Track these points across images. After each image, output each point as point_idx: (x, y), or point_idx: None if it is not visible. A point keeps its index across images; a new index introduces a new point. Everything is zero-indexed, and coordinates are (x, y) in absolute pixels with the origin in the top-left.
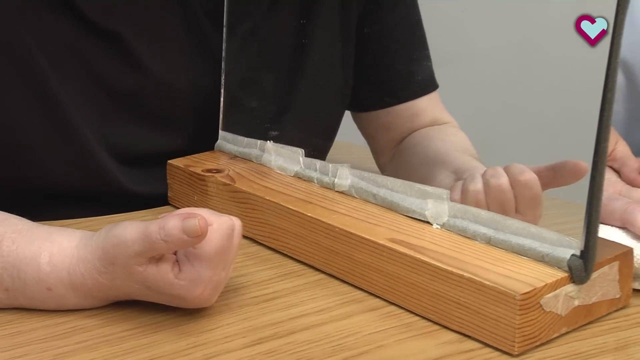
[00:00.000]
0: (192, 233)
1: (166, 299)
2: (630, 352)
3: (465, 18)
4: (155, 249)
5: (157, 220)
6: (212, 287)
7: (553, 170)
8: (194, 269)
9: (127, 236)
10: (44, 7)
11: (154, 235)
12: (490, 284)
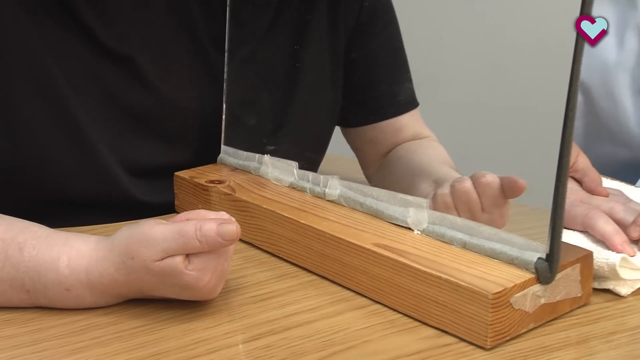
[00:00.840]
0: (227, 237)
1: (177, 290)
2: (591, 346)
3: (443, 44)
4: (189, 247)
5: (193, 222)
6: (217, 277)
7: (507, 182)
8: (202, 260)
9: (156, 234)
10: (66, 34)
11: (190, 234)
12: (465, 284)
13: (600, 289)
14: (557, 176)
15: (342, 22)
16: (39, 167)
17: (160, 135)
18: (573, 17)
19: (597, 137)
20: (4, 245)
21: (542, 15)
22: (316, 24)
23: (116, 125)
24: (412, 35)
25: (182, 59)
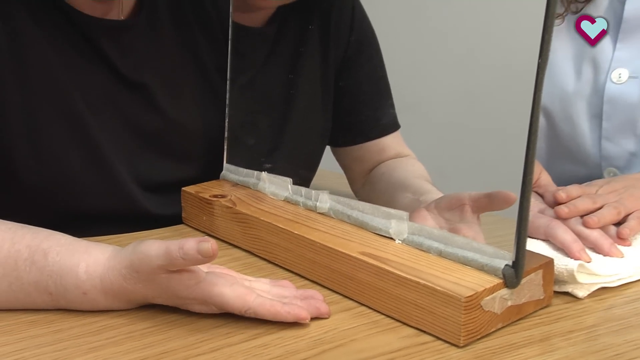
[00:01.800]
0: (204, 253)
1: (179, 301)
2: (552, 343)
3: (422, 74)
4: (175, 264)
5: (177, 241)
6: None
7: (489, 198)
8: (206, 278)
9: (151, 252)
10: (87, 64)
11: (174, 253)
12: (441, 289)
13: (560, 292)
14: (521, 192)
15: (332, 54)
16: (62, 184)
17: (169, 154)
18: (535, 51)
19: (559, 156)
20: (31, 251)
21: (508, 48)
22: (309, 55)
23: (131, 145)
24: (395, 65)
25: (190, 86)
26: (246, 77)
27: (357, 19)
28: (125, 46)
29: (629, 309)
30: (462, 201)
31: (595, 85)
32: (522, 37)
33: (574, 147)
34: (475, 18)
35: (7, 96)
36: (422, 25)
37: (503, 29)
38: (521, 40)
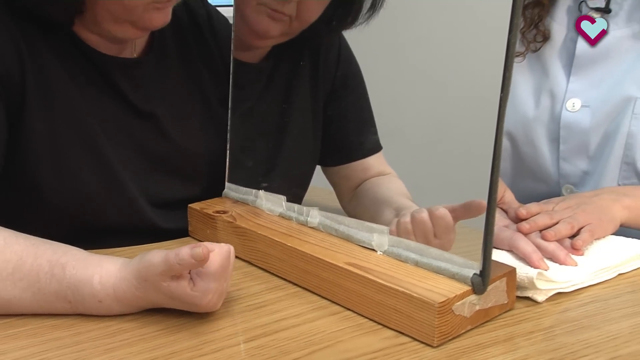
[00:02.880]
0: (197, 257)
1: (184, 305)
2: (515, 342)
3: (401, 102)
4: (173, 269)
5: (174, 250)
6: (217, 295)
7: (464, 207)
8: (204, 283)
9: (154, 261)
10: (103, 97)
11: (171, 260)
12: (417, 295)
13: (521, 297)
14: (487, 209)
15: (320, 87)
16: (81, 202)
17: (177, 174)
18: (498, 85)
19: (522, 175)
20: (51, 265)
21: (475, 82)
22: (300, 88)
23: (142, 167)
24: (378, 94)
25: (194, 115)
26: (245, 107)
27: (343, 55)
28: (137, 80)
29: (582, 311)
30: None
31: (552, 113)
32: (487, 74)
33: (535, 167)
34: (447, 57)
35: (34, 125)
36: (401, 60)
37: (471, 65)
38: (486, 76)
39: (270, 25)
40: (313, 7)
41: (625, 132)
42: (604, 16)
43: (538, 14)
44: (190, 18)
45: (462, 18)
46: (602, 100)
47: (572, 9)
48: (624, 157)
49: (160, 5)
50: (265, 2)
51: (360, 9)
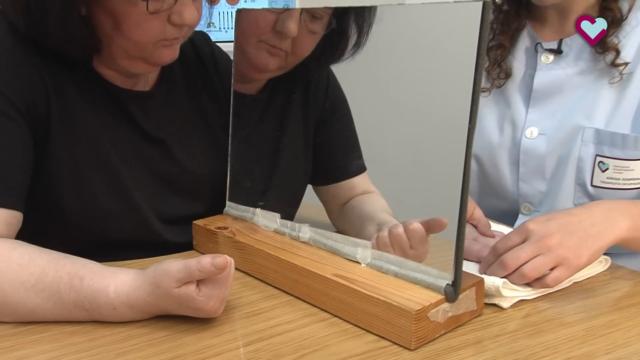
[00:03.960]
0: (218, 266)
1: (190, 310)
2: (483, 345)
3: (383, 129)
4: (192, 276)
5: (195, 258)
6: (219, 302)
7: (436, 222)
8: (209, 289)
9: (172, 268)
10: (118, 124)
11: (193, 267)
12: (396, 304)
13: (489, 303)
14: (458, 225)
15: (311, 116)
16: (98, 219)
17: (183, 194)
18: (466, 118)
19: (487, 193)
20: (70, 277)
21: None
22: (293, 117)
23: (153, 187)
24: (363, 121)
25: (199, 140)
26: (244, 133)
27: (331, 88)
28: (149, 110)
29: (541, 316)
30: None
31: (513, 139)
32: (457, 107)
33: (498, 187)
34: (423, 90)
35: (57, 151)
36: (383, 92)
37: (443, 99)
38: (457, 109)
39: (268, 60)
40: (306, 44)
41: (576, 156)
42: (556, 56)
43: (501, 55)
44: (195, 54)
45: (436, 58)
46: (556, 129)
47: (530, 49)
48: (576, 179)
49: (168, 42)
50: (265, 39)
51: (346, 47)
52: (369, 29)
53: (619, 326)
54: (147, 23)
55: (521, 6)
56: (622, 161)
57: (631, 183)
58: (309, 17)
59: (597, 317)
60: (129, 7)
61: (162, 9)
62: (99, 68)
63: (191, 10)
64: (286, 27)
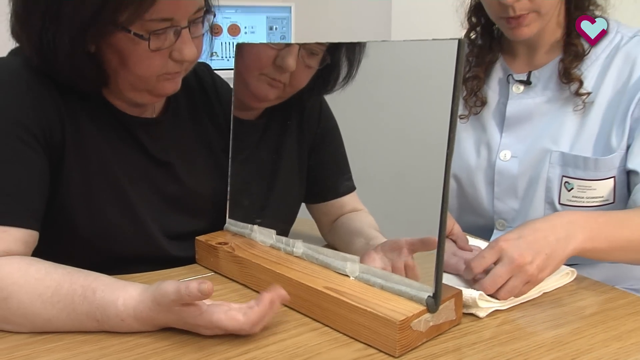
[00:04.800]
0: (204, 292)
1: (189, 326)
2: (462, 352)
3: (371, 152)
4: (183, 299)
5: (185, 283)
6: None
7: (422, 242)
8: (208, 315)
9: (167, 290)
10: (127, 148)
11: (182, 291)
12: (382, 314)
13: (467, 313)
14: (438, 240)
15: (304, 140)
16: (108, 236)
17: (187, 212)
18: (444, 144)
19: (465, 210)
20: (83, 290)
21: (428, 140)
22: (288, 141)
23: (159, 206)
24: (353, 144)
25: (202, 163)
26: (243, 156)
27: (323, 115)
28: (156, 136)
29: (514, 325)
30: (400, 244)
31: (489, 161)
32: (436, 134)
33: (475, 205)
34: (407, 119)
35: (71, 174)
36: (371, 119)
37: (424, 125)
38: (436, 136)
39: (268, 91)
40: (302, 77)
41: (545, 177)
42: (526, 87)
43: (477, 85)
44: (198, 84)
45: (417, 89)
46: (527, 152)
47: (502, 80)
48: (546, 197)
49: (170, 76)
50: (266, 73)
51: (337, 79)
52: (358, 63)
53: (583, 334)
54: (150, 59)
55: (494, 41)
56: (585, 181)
57: (594, 201)
58: (306, 53)
59: (564, 326)
60: (133, 45)
61: (163, 46)
62: (109, 98)
63: (190, 48)
64: (286, 62)
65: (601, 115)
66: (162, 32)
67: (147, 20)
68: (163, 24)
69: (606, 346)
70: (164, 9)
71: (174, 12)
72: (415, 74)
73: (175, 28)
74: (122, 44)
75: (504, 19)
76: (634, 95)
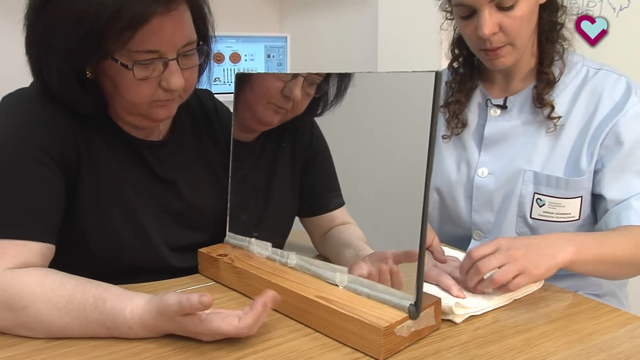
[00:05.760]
0: (204, 304)
1: (190, 334)
2: (441, 354)
3: (358, 171)
4: (184, 310)
5: (187, 295)
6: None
7: (405, 254)
8: (208, 323)
9: (170, 302)
10: (136, 169)
11: (184, 303)
12: (368, 321)
13: (445, 319)
14: (419, 254)
15: (297, 161)
16: (117, 248)
17: (190, 226)
18: (424, 165)
19: (446, 221)
20: (95, 299)
21: (410, 160)
22: (282, 161)
23: (164, 221)
24: (341, 164)
25: (204, 181)
26: (241, 175)
27: (315, 136)
28: (161, 157)
29: (488, 329)
30: (386, 256)
31: (468, 177)
32: (416, 155)
33: (455, 216)
34: (392, 141)
35: (84, 191)
36: (359, 139)
37: (406, 148)
38: (416, 157)
39: (273, 117)
40: (303, 104)
41: (518, 193)
42: (502, 111)
43: (458, 108)
44: (201, 109)
45: (400, 115)
46: (502, 170)
47: (482, 104)
48: (518, 212)
49: (162, 103)
50: (274, 101)
51: (326, 104)
52: (346, 90)
53: (550, 336)
54: (138, 87)
55: (474, 70)
56: (555, 199)
57: (562, 217)
58: (307, 83)
59: (533, 329)
60: (121, 73)
61: (151, 76)
62: (117, 121)
63: (177, 78)
64: (294, 93)
65: (571, 139)
66: (148, 62)
67: (133, 51)
68: (149, 55)
69: (570, 348)
70: (147, 42)
71: (158, 45)
72: (398, 101)
73: (164, 60)
74: (112, 72)
75: (483, 50)
76: (605, 126)
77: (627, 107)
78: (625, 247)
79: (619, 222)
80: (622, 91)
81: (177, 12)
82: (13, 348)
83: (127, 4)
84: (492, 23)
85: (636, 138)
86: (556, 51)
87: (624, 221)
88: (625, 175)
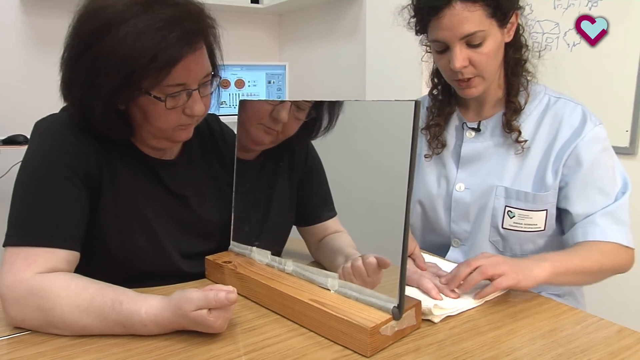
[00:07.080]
0: (231, 300)
1: (202, 328)
2: (421, 351)
3: (348, 185)
4: (210, 304)
5: (214, 291)
6: (224, 321)
7: (380, 260)
8: (216, 312)
9: (193, 296)
10: (150, 184)
11: (211, 297)
12: (356, 322)
13: (425, 319)
14: (401, 260)
15: (294, 177)
16: (133, 256)
17: (198, 235)
18: (405, 182)
19: (427, 230)
20: (112, 302)
21: (394, 177)
22: (281, 178)
23: (176, 231)
24: (333, 179)
25: (211, 195)
26: (244, 190)
27: (310, 155)
28: (174, 174)
29: (462, 328)
30: (365, 257)
31: (447, 191)
32: (398, 174)
33: (435, 226)
34: (375, 161)
35: (106, 207)
36: (350, 158)
37: (389, 167)
38: (399, 176)
39: (264, 137)
40: (292, 127)
41: (491, 206)
42: (477, 133)
43: (438, 131)
44: (209, 131)
45: (384, 138)
46: (477, 185)
47: (458, 127)
48: (492, 222)
49: (184, 127)
50: (264, 123)
51: (319, 128)
52: (337, 116)
53: (516, 334)
54: (167, 115)
55: (452, 97)
56: (524, 211)
57: (530, 227)
58: (295, 108)
59: (501, 327)
60: (154, 105)
61: (177, 105)
62: (136, 144)
63: (199, 105)
64: (280, 115)
65: (537, 159)
66: (177, 94)
67: (165, 85)
68: (177, 87)
69: (533, 343)
70: (178, 77)
71: (186, 79)
72: (383, 125)
73: (188, 90)
74: (145, 104)
75: (456, 81)
76: (567, 149)
77: (584, 133)
78: (592, 258)
79: (585, 237)
80: (579, 119)
81: (200, 50)
82: (42, 345)
83: (163, 48)
84: (462, 57)
85: (594, 158)
86: (521, 83)
87: (590, 237)
88: (587, 191)
